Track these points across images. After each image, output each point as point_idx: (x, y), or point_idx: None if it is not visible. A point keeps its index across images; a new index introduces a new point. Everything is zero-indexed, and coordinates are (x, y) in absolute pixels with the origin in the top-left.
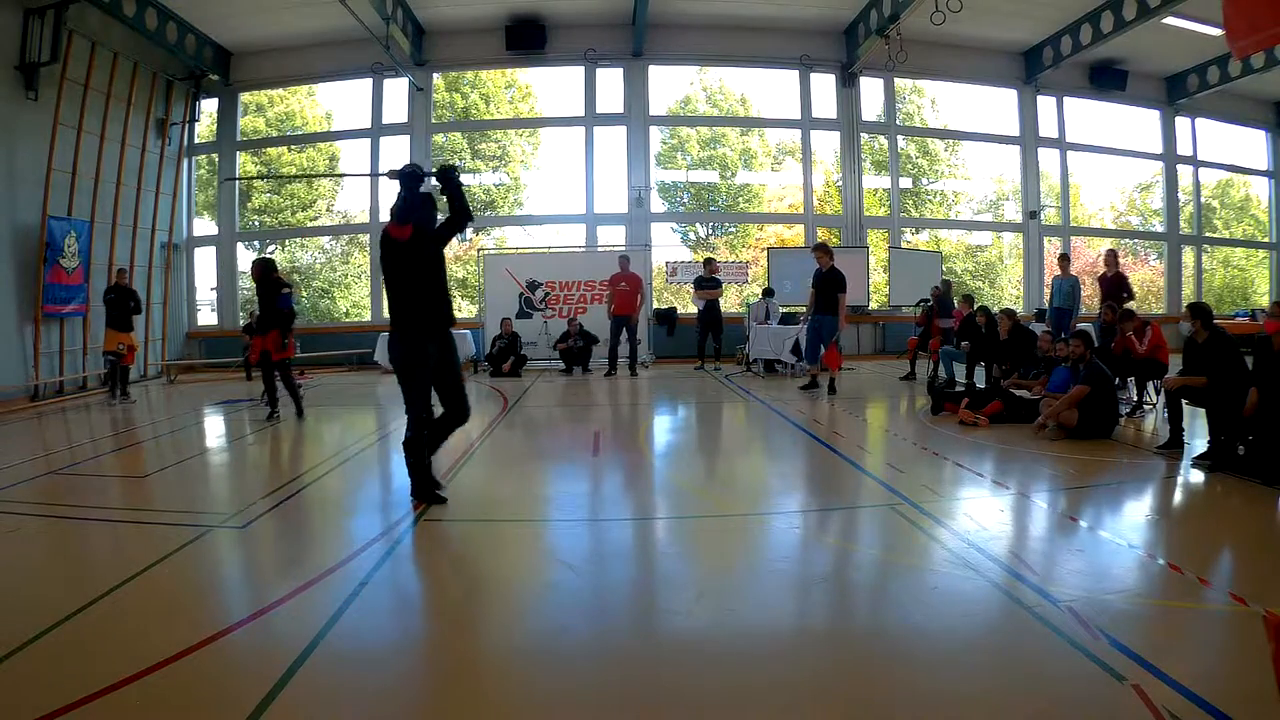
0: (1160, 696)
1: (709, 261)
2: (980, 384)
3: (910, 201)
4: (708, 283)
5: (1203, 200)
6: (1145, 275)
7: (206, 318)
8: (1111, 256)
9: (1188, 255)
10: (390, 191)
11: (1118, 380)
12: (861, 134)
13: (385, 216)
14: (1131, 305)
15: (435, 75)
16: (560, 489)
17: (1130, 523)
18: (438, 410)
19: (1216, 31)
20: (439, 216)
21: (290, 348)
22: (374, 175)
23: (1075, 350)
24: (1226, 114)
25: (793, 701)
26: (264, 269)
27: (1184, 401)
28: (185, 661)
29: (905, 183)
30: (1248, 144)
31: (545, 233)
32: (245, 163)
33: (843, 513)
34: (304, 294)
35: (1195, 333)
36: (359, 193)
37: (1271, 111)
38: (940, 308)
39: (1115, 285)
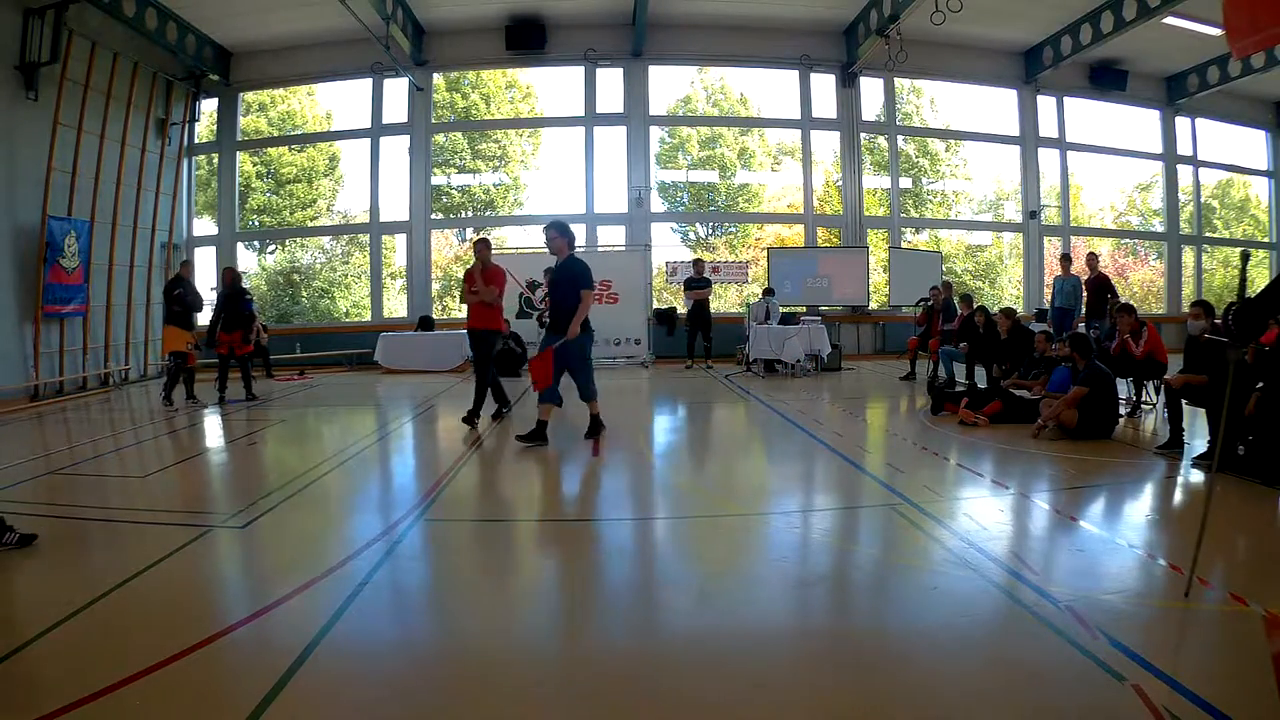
0: (1160, 696)
1: (697, 262)
2: (980, 384)
3: (910, 201)
4: (696, 283)
5: (1203, 200)
6: (1145, 275)
7: (206, 317)
8: (1093, 259)
9: (1188, 255)
10: (390, 192)
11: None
12: (861, 134)
13: (385, 215)
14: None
15: (435, 75)
16: (560, 489)
17: (1130, 523)
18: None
19: (1216, 31)
20: None
21: (249, 344)
22: None
23: (1060, 352)
24: (1226, 114)
25: (793, 701)
26: (236, 277)
27: (1184, 401)
28: (185, 661)
29: (905, 183)
30: (1248, 144)
31: None
32: (245, 162)
33: (843, 513)
34: (304, 294)
35: (1203, 332)
36: (359, 192)
37: (1271, 111)
38: (945, 312)
39: (1099, 287)
